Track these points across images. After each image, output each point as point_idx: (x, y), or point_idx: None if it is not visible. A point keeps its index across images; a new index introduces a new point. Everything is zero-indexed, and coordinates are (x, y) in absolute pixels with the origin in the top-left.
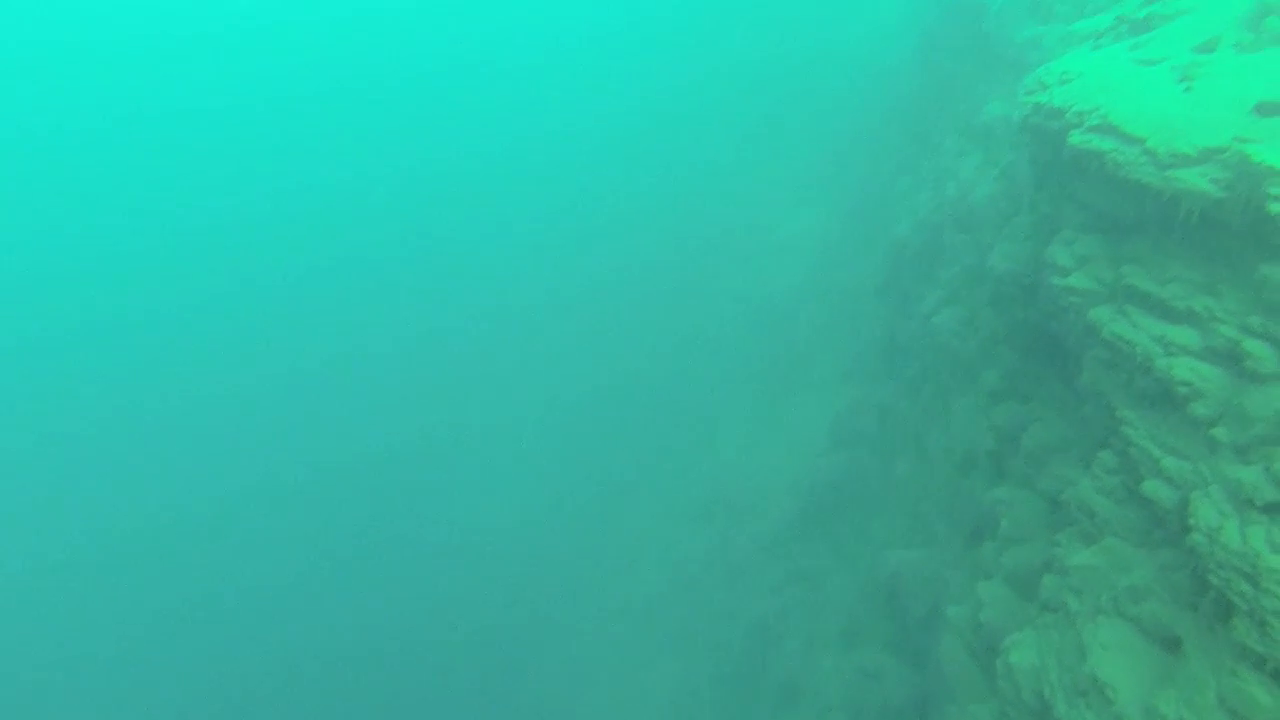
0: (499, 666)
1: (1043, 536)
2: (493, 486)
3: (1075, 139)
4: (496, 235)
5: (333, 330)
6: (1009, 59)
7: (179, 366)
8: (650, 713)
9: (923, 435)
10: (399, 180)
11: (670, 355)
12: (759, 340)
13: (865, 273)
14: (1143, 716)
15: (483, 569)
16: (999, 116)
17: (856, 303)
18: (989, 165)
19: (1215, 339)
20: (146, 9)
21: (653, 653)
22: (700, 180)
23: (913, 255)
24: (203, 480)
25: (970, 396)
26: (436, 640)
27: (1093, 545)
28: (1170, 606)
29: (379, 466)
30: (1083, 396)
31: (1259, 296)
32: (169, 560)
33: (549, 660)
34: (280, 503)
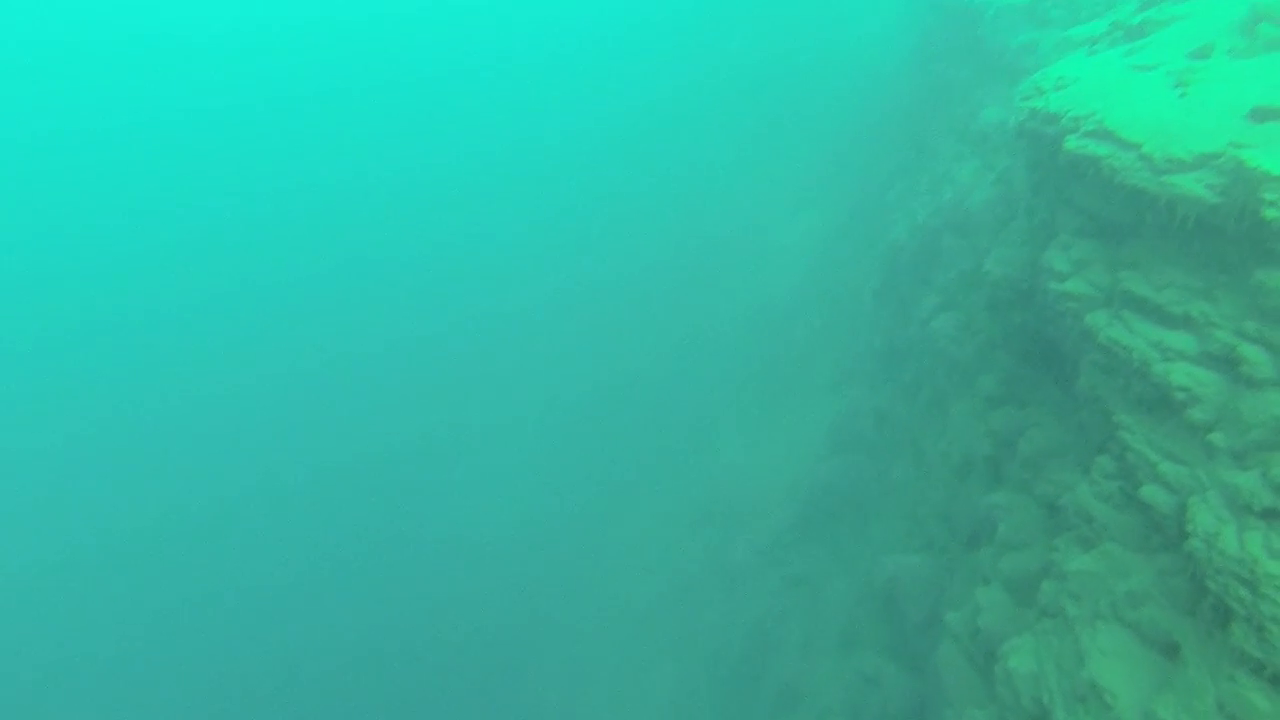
0: (498, 667)
1: (1041, 542)
2: (492, 487)
3: (1071, 144)
4: (496, 237)
5: (333, 331)
6: (1005, 64)
7: (179, 367)
8: (649, 716)
9: (920, 440)
10: (399, 182)
11: (668, 358)
12: (757, 343)
13: (862, 277)
14: None
15: (482, 570)
16: (995, 121)
17: (853, 307)
18: (986, 170)
19: (1212, 344)
20: (148, 10)
21: (651, 656)
22: (698, 183)
23: (910, 260)
24: (203, 480)
25: (967, 401)
26: (436, 640)
27: (1091, 550)
28: (1169, 612)
29: (379, 467)
30: (1080, 401)
31: (1255, 302)
32: (169, 560)
33: (548, 662)
34: (280, 503)
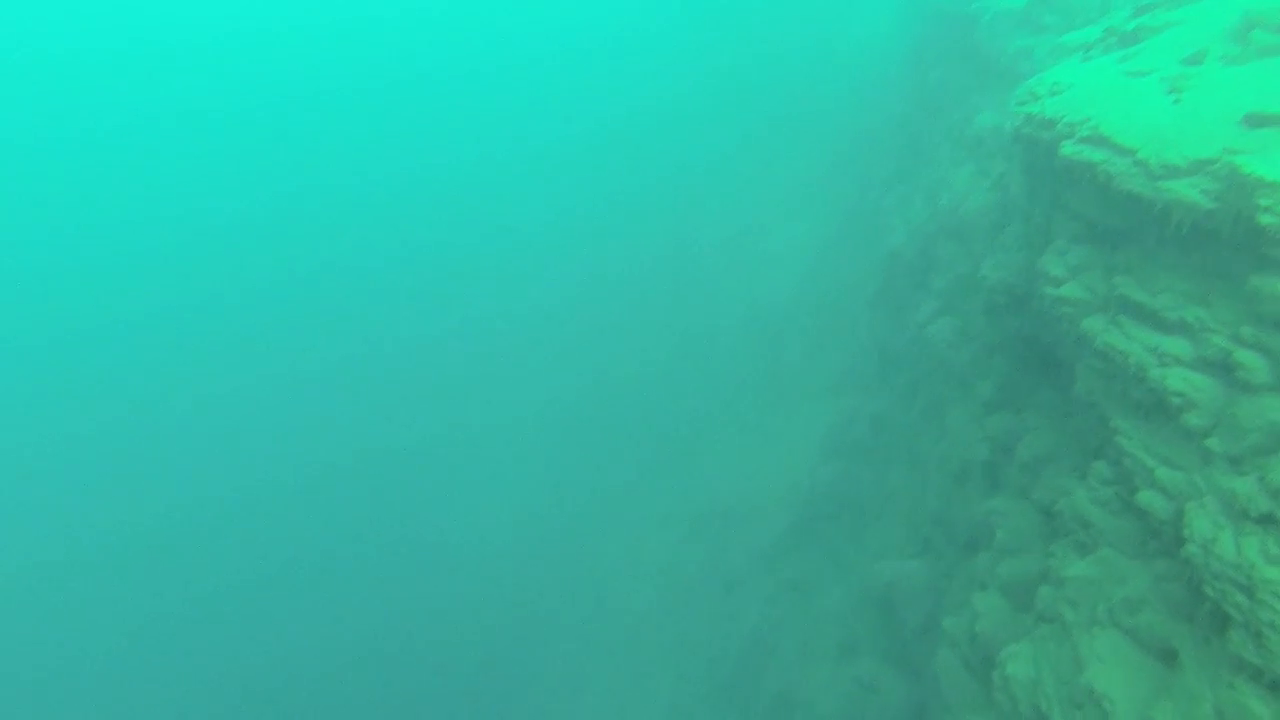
0: (495, 669)
1: (1038, 547)
2: (490, 490)
3: (1067, 150)
4: (493, 240)
5: (332, 333)
6: (1000, 69)
7: (180, 368)
8: None
9: (917, 445)
10: (396, 185)
11: (665, 362)
12: (753, 349)
13: (859, 282)
14: None
15: (481, 572)
16: (991, 127)
17: (850, 312)
18: (982, 175)
19: (1208, 349)
20: (150, 12)
21: (648, 662)
22: (694, 187)
23: (906, 265)
24: (203, 481)
25: (964, 406)
26: (435, 641)
27: (1088, 556)
28: (1166, 618)
29: (378, 469)
30: (1077, 407)
31: (1250, 307)
32: (169, 560)
33: (545, 665)
34: (280, 504)
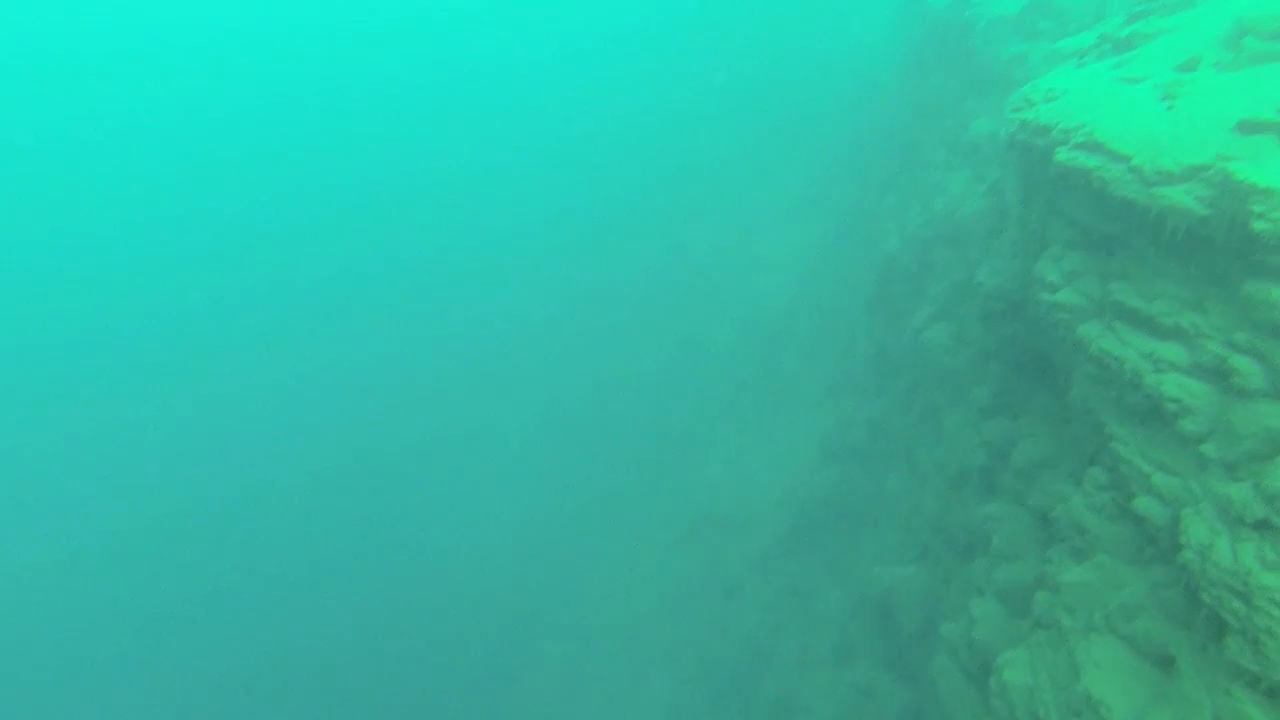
0: (494, 670)
1: (1034, 553)
2: (489, 492)
3: (1062, 156)
4: (492, 243)
5: (333, 335)
6: (995, 76)
7: (180, 370)
8: None
9: (913, 450)
10: (397, 188)
11: (663, 366)
12: (750, 351)
13: (855, 287)
14: None
15: (480, 574)
16: (986, 133)
17: (847, 317)
18: (977, 181)
19: (1203, 355)
20: (151, 14)
21: (645, 668)
22: (692, 192)
23: (902, 270)
24: (204, 481)
25: (961, 412)
26: (434, 642)
27: (1084, 562)
28: (1163, 624)
29: (377, 470)
30: (1072, 412)
31: (1245, 313)
32: (169, 560)
33: (544, 667)
34: (281, 505)
